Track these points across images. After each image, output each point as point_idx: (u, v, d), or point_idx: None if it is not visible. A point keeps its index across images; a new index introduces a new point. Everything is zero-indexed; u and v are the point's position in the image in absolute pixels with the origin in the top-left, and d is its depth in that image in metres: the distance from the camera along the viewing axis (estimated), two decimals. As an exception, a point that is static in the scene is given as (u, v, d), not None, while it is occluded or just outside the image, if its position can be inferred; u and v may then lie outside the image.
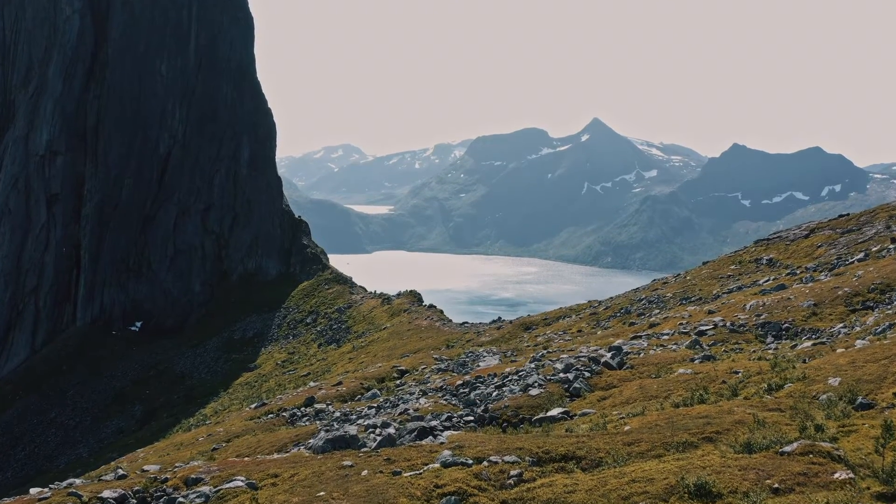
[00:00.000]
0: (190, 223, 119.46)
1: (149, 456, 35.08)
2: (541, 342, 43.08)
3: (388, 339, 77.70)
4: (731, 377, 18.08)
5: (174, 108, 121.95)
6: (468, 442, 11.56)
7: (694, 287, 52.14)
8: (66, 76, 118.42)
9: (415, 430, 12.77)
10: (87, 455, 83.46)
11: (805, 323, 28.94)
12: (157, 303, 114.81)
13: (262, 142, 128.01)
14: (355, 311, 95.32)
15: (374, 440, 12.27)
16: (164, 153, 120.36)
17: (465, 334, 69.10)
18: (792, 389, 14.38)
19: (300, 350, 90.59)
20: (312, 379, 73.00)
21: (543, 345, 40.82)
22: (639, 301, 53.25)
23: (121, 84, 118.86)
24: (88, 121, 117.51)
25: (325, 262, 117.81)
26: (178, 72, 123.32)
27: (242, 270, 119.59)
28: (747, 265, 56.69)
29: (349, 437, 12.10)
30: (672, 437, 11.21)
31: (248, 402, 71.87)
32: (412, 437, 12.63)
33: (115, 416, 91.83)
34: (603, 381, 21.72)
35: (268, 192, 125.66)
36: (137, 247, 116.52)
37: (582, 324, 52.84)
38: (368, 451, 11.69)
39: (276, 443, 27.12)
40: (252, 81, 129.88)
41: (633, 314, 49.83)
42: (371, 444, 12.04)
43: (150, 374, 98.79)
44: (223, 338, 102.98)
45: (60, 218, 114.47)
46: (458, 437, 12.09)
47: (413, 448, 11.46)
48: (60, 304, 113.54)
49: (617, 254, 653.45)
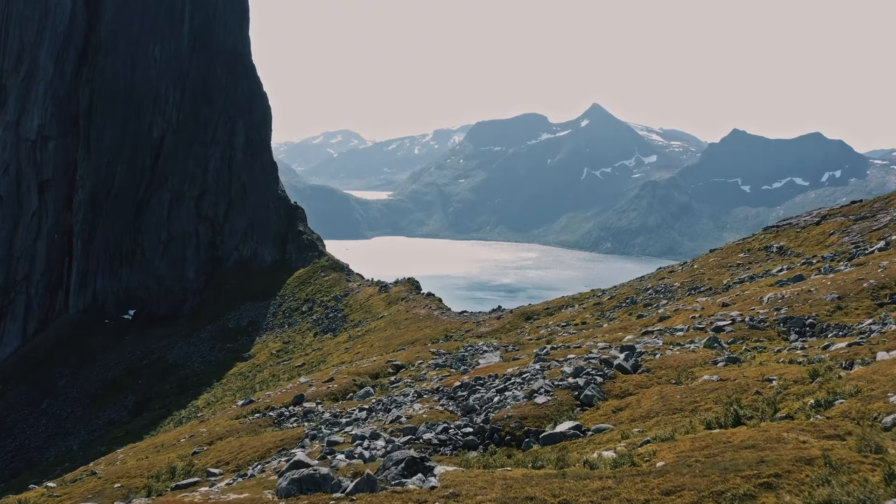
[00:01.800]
0: (184, 209, 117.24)
1: (128, 458, 33.07)
2: (543, 335, 40.96)
3: (385, 329, 75.81)
4: (766, 386, 16.01)
5: (168, 91, 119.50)
6: (465, 488, 9.46)
7: (702, 276, 50.06)
8: (58, 60, 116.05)
9: (402, 460, 10.68)
10: (77, 447, 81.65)
11: (830, 318, 26.85)
12: (150, 291, 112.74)
13: (258, 126, 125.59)
14: (352, 299, 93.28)
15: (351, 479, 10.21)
16: (157, 138, 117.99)
17: (464, 324, 67.14)
18: (846, 408, 12.28)
19: (295, 339, 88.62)
20: (307, 370, 71.14)
21: (546, 338, 38.75)
22: (645, 291, 51.16)
23: (113, 68, 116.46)
24: (81, 105, 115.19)
25: (321, 249, 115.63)
26: (171, 55, 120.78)
27: (237, 257, 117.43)
28: (757, 253, 54.67)
29: (319, 476, 10.02)
30: (722, 483, 9.08)
31: (240, 393, 70.02)
32: (398, 471, 10.53)
33: (107, 407, 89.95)
34: (617, 387, 19.60)
35: (263, 177, 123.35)
36: (130, 234, 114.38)
37: (586, 314, 50.81)
38: (341, 496, 9.64)
39: (260, 448, 25.17)
40: (247, 64, 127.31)
41: (639, 305, 47.77)
42: (347, 485, 9.99)
43: (143, 364, 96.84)
44: (217, 326, 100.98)
45: (52, 204, 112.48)
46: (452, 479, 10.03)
47: (396, 496, 9.40)
48: (52, 292, 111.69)
49: (616, 239, 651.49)
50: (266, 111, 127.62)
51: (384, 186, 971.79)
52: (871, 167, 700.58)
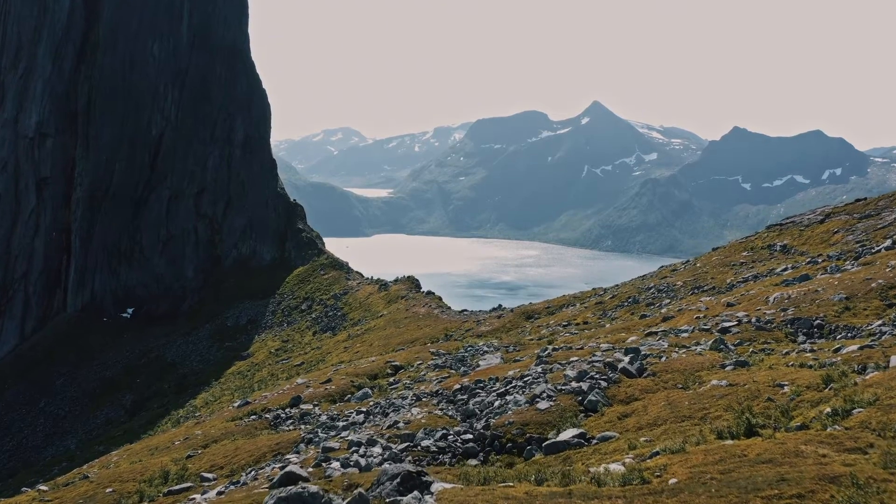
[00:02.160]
0: (182, 207, 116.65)
1: (121, 461, 32.51)
2: (545, 335, 40.28)
3: (384, 328, 75.21)
4: (777, 393, 15.39)
5: (166, 89, 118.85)
6: (464, 509, 8.88)
7: (705, 275, 49.41)
8: (56, 57, 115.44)
9: (397, 475, 10.09)
10: (74, 447, 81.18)
11: (838, 319, 26.19)
12: (149, 289, 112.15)
13: (257, 123, 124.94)
14: (351, 297, 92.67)
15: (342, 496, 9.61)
16: (156, 135, 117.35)
17: (464, 323, 66.52)
18: (865, 418, 11.65)
19: (294, 338, 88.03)
20: (306, 369, 70.55)
21: (548, 338, 38.13)
22: (647, 290, 50.53)
23: (112, 65, 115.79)
24: (79, 102, 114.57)
25: (320, 247, 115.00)
26: (170, 52, 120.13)
27: (236, 255, 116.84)
28: (760, 252, 54.03)
29: (308, 495, 9.40)
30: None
31: (239, 392, 69.45)
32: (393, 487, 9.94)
33: (105, 406, 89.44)
34: (622, 392, 18.95)
35: (262, 174, 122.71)
36: (129, 231, 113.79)
37: (587, 314, 50.18)
38: (332, 517, 9.07)
39: (255, 452, 24.60)
40: (246, 61, 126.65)
41: (641, 304, 47.15)
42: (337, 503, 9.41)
43: (142, 363, 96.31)
44: (216, 325, 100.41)
45: (50, 202, 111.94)
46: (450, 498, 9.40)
47: (390, 517, 8.82)
48: (51, 291, 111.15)
49: (617, 237, 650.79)
50: (265, 108, 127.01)
51: (384, 184, 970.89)
52: (872, 165, 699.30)
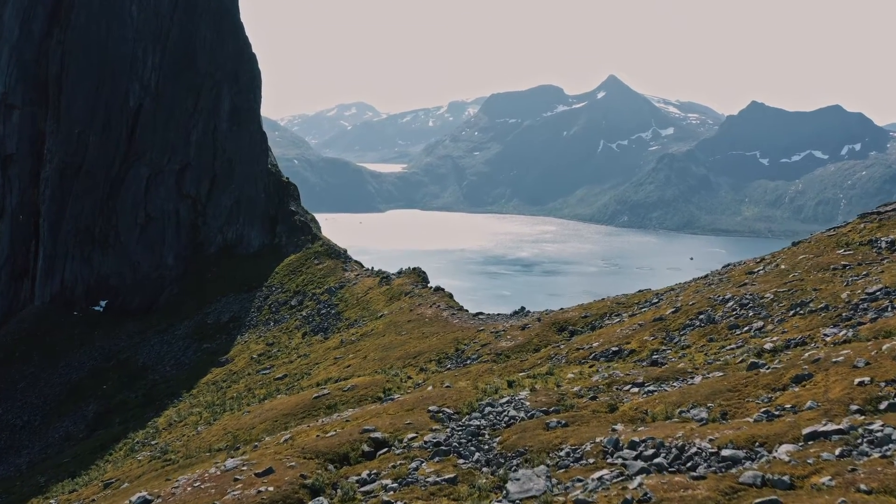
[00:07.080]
0: (163, 186, 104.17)
1: None
2: (598, 385, 27.26)
3: (384, 333, 63.17)
4: None
5: (146, 54, 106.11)
6: None
7: (802, 283, 36.59)
8: (25, 19, 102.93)
9: None
10: (26, 467, 70.02)
11: None
12: (124, 278, 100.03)
13: (245, 92, 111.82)
14: (348, 292, 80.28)
15: None
16: (134, 106, 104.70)
17: (479, 332, 54.26)
18: None
19: (281, 340, 75.83)
20: (287, 384, 58.69)
21: (606, 394, 25.52)
22: (723, 303, 37.73)
23: (87, 28, 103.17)
24: (50, 70, 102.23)
25: (315, 232, 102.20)
26: (150, 13, 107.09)
27: (221, 241, 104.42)
28: (860, 249, 41.29)
29: None
30: None
31: (208, 410, 57.80)
32: None
33: (67, 416, 78.12)
34: None
35: (251, 149, 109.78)
36: (104, 213, 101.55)
37: (644, 334, 37.66)
38: None
39: None
40: (234, 23, 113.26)
41: (721, 325, 34.63)
42: None
43: (111, 365, 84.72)
44: (195, 322, 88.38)
45: (17, 181, 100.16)
46: None
47: None
48: (18, 280, 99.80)
49: (633, 213, 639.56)
50: (255, 75, 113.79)
51: (398, 159, 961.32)
52: (892, 140, 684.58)
